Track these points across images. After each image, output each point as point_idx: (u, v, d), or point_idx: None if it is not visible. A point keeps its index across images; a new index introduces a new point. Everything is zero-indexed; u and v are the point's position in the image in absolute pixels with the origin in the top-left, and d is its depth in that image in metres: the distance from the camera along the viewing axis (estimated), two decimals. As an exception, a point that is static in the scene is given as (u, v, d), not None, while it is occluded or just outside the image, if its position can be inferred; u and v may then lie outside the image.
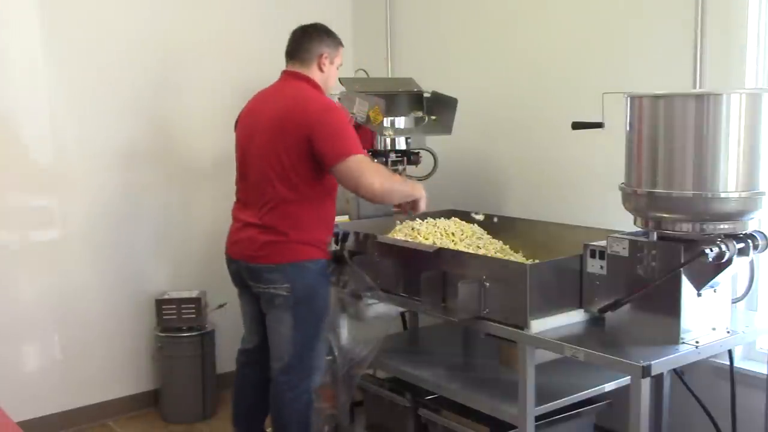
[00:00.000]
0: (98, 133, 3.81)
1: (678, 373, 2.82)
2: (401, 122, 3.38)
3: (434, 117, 3.45)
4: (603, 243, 2.53)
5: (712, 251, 2.26)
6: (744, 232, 2.34)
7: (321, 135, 2.77)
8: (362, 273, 2.99)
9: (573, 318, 2.60)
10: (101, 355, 3.91)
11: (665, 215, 2.36)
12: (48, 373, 3.77)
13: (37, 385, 3.72)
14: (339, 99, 3.42)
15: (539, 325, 2.50)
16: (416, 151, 3.49)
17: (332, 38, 3.04)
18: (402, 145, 3.41)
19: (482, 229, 3.31)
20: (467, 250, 3.03)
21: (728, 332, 2.49)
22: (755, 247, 2.35)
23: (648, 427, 2.30)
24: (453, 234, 3.20)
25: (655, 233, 2.41)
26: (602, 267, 2.52)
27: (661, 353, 2.29)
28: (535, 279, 2.49)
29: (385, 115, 3.21)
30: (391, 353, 3.19)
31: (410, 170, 3.58)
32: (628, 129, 2.44)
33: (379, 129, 3.24)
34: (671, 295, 2.35)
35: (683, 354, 2.34)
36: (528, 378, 2.51)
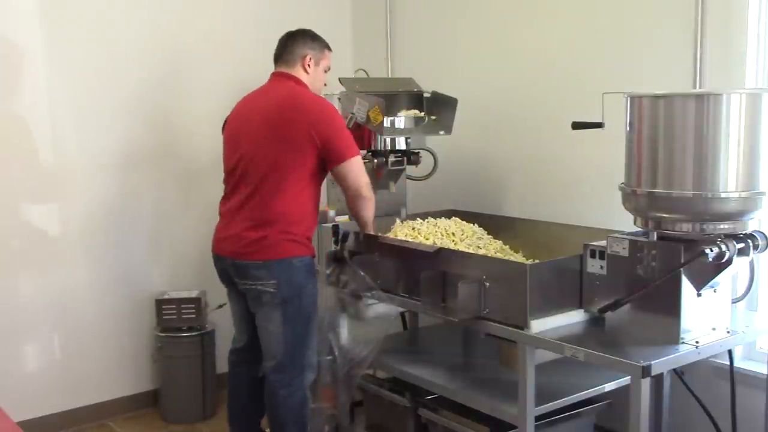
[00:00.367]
0: (98, 134, 3.81)
1: (678, 373, 2.82)
2: (401, 122, 3.38)
3: (434, 117, 3.45)
4: (603, 243, 2.53)
5: (712, 251, 2.26)
6: (744, 232, 2.34)
7: (327, 135, 2.84)
8: (362, 273, 3.00)
9: (573, 318, 2.60)
10: (101, 355, 3.91)
11: (665, 215, 2.36)
12: (48, 373, 3.77)
13: (37, 385, 3.72)
14: (339, 99, 3.43)
15: (539, 325, 2.50)
16: (416, 151, 3.49)
17: (317, 41, 3.10)
18: (402, 145, 3.41)
19: (482, 229, 3.31)
20: (467, 250, 3.03)
21: (728, 332, 2.49)
22: (755, 247, 2.35)
23: (648, 427, 2.30)
24: (453, 234, 3.21)
25: (655, 233, 2.41)
26: (602, 267, 2.52)
27: (661, 353, 2.29)
28: (535, 279, 2.49)
29: (385, 115, 3.21)
30: (391, 353, 3.19)
31: (410, 170, 3.58)
32: (628, 129, 2.44)
33: (379, 129, 3.24)
34: (671, 295, 2.35)
35: (683, 354, 2.34)
36: (528, 378, 2.51)
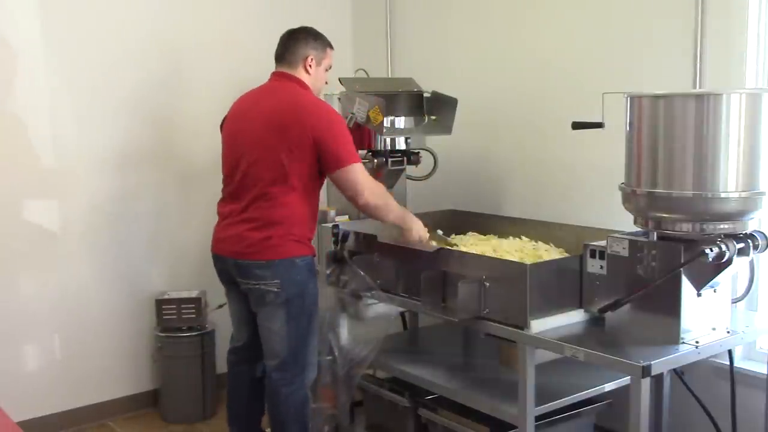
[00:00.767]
0: (98, 134, 3.81)
1: (678, 373, 2.82)
2: (401, 122, 3.38)
3: (434, 117, 3.44)
4: (603, 243, 2.53)
5: (712, 251, 2.26)
6: (744, 232, 2.34)
7: (327, 139, 2.82)
8: (362, 273, 3.00)
9: (573, 318, 2.60)
10: (101, 355, 3.91)
11: (665, 215, 2.36)
12: (48, 373, 3.76)
13: (37, 385, 3.72)
14: (339, 99, 3.43)
15: (539, 325, 2.50)
16: (416, 151, 3.49)
17: (319, 41, 3.07)
18: (402, 145, 3.41)
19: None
20: (467, 250, 3.03)
21: (728, 332, 2.49)
22: (755, 247, 2.35)
23: (648, 427, 2.30)
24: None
25: (655, 233, 2.41)
26: (602, 267, 2.52)
27: (661, 353, 2.29)
28: (535, 279, 2.49)
29: (385, 115, 3.21)
30: (391, 353, 3.19)
31: (410, 170, 3.58)
32: (628, 129, 2.43)
33: (379, 129, 3.24)
34: (671, 295, 2.35)
35: (683, 354, 2.34)
36: (528, 378, 2.51)
